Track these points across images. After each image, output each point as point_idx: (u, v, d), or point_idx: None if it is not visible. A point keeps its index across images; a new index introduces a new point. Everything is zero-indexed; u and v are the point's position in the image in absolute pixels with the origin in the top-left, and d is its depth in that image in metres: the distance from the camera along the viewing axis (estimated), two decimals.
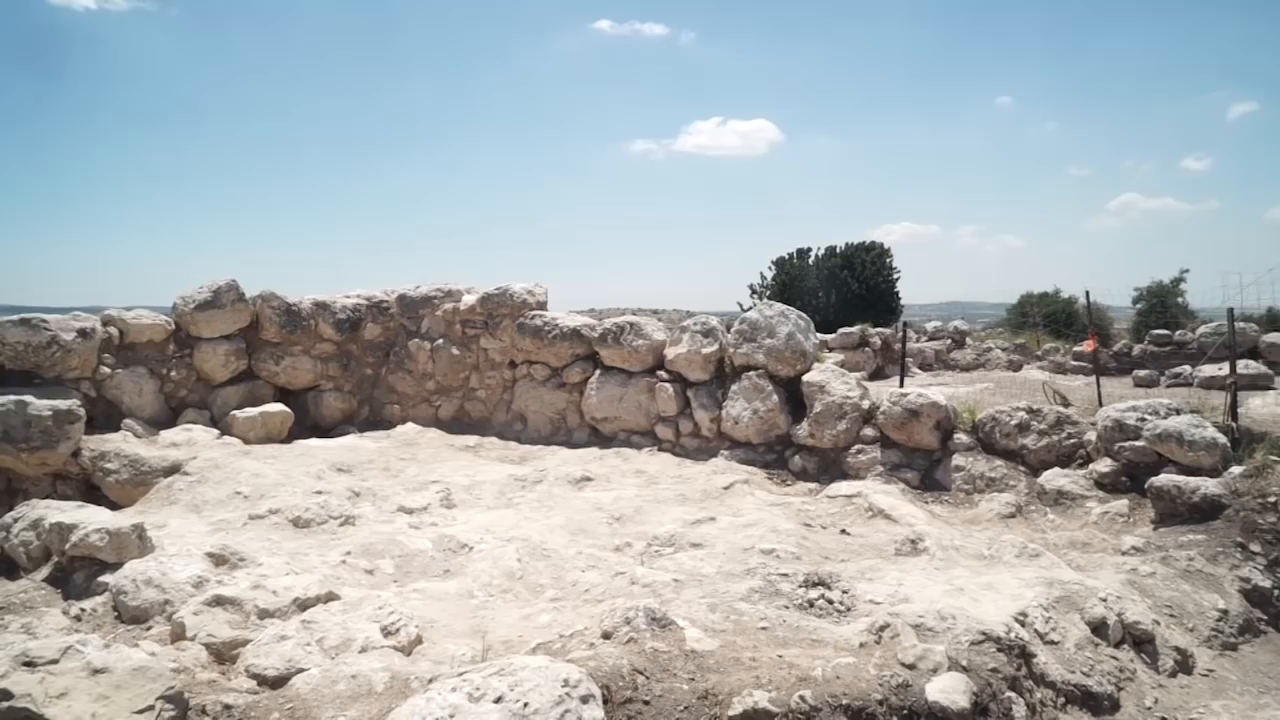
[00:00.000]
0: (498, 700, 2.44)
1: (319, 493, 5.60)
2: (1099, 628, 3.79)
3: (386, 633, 3.28)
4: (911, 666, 3.04)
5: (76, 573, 4.16)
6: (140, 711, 2.55)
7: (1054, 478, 5.99)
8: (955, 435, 6.51)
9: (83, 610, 3.73)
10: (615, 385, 7.89)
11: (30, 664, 2.60)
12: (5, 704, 2.46)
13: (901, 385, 9.30)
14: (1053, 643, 3.59)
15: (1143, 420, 5.85)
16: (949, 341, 17.63)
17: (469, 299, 8.82)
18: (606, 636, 3.22)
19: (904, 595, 3.93)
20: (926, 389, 6.87)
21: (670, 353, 7.79)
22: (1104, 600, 3.94)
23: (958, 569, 4.45)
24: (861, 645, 3.29)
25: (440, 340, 8.82)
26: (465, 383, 8.77)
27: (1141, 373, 12.47)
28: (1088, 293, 10.11)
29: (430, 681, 2.74)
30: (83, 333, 7.09)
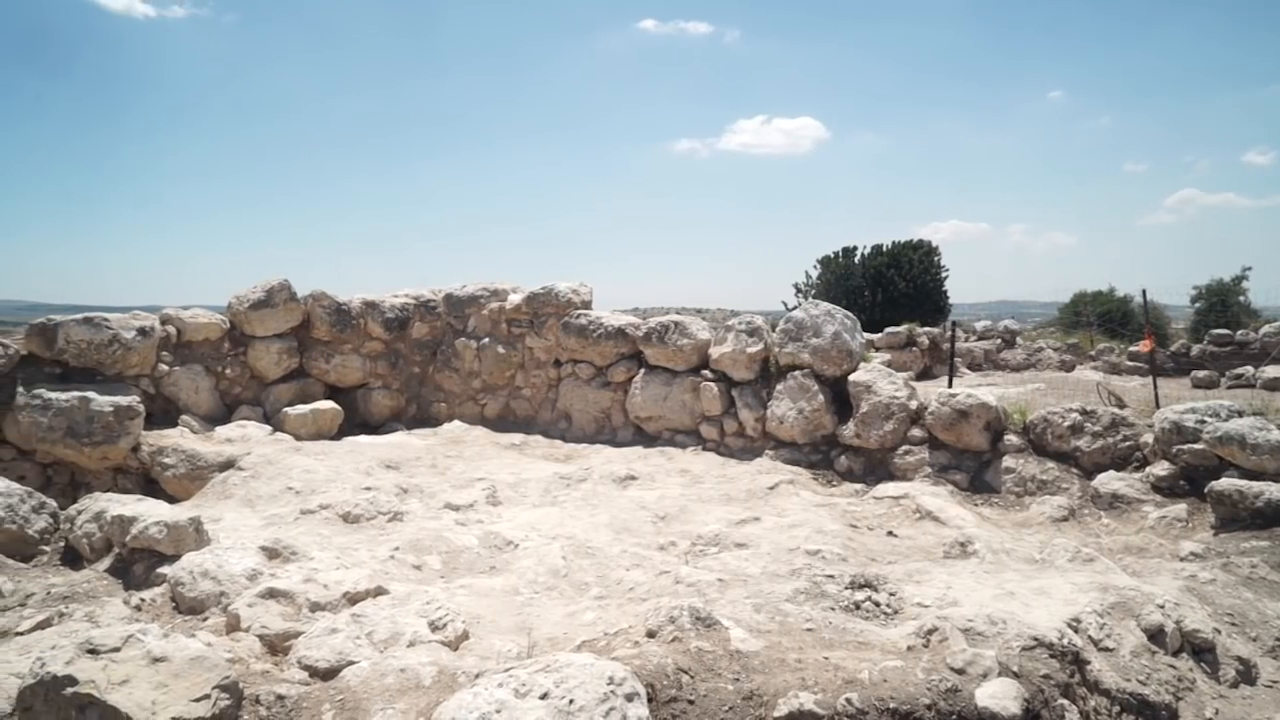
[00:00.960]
0: (543, 696, 2.45)
1: (368, 489, 5.69)
2: (1156, 635, 3.68)
3: (434, 628, 3.32)
4: (961, 671, 3.00)
5: (136, 564, 4.29)
6: (197, 700, 2.62)
7: (1109, 481, 5.85)
8: (1005, 436, 6.40)
9: (142, 600, 3.84)
10: (660, 384, 7.90)
11: (94, 651, 2.69)
12: (71, 689, 2.54)
13: (950, 385, 9.16)
14: (1107, 650, 3.51)
15: (1202, 423, 5.68)
16: (999, 341, 17.32)
17: (514, 298, 8.90)
18: (651, 635, 3.22)
19: (953, 599, 3.87)
20: (976, 389, 6.76)
21: (715, 352, 7.77)
22: (1161, 607, 3.83)
23: (1008, 573, 4.37)
24: (909, 648, 3.24)
25: (486, 339, 8.90)
26: (511, 381, 8.84)
27: (1200, 374, 12.13)
28: (1144, 291, 9.86)
29: (477, 677, 2.77)
30: (142, 331, 7.30)
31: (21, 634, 3.42)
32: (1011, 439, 6.37)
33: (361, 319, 8.81)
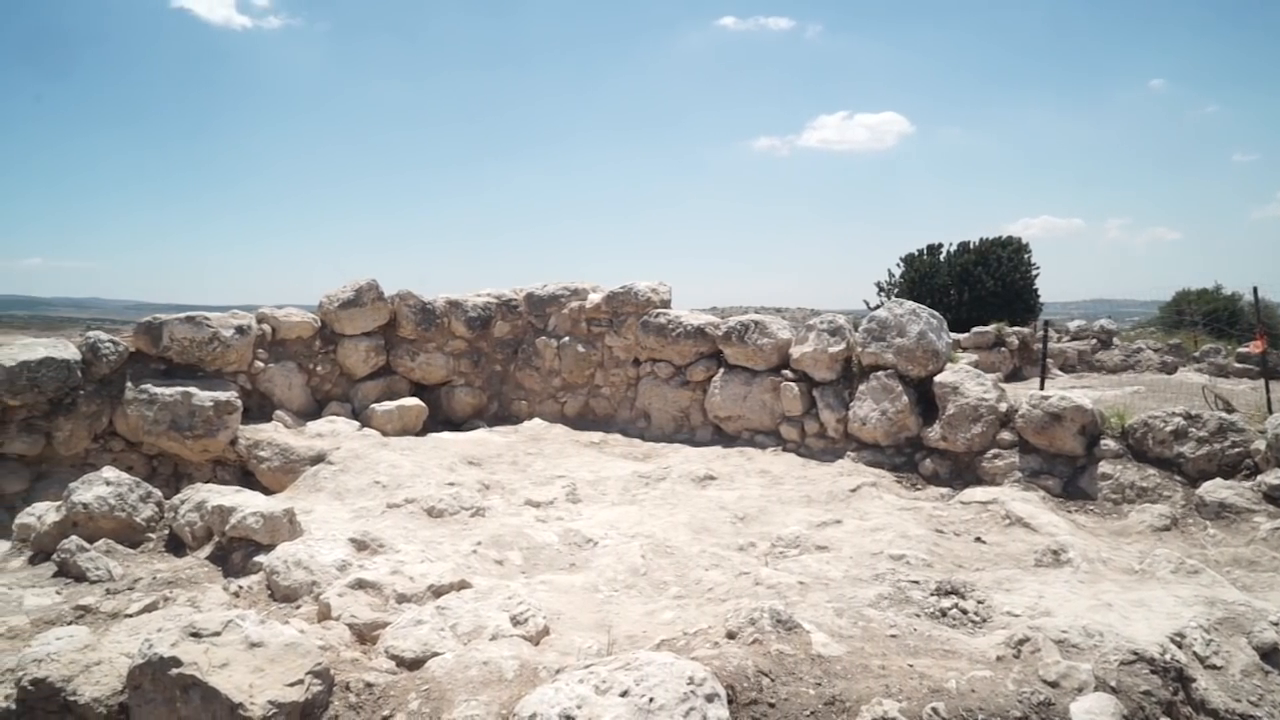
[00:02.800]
0: (624, 694, 2.46)
1: (451, 484, 5.81)
2: (1269, 654, 3.47)
3: (515, 622, 3.36)
4: (1054, 684, 2.88)
5: (235, 552, 4.48)
6: (292, 684, 2.72)
7: (1215, 489, 5.54)
8: (1102, 441, 6.13)
9: (240, 588, 4.01)
10: (739, 384, 7.84)
11: (196, 635, 2.81)
12: (175, 670, 2.67)
13: (1042, 387, 8.85)
14: (1214, 667, 3.32)
15: None
16: (1094, 342, 16.64)
17: (594, 297, 8.96)
18: (731, 636, 3.20)
19: (1045, 608, 3.74)
20: (1069, 391, 6.49)
21: (795, 351, 7.68)
22: (1276, 624, 3.61)
23: (1105, 583, 4.19)
24: (999, 659, 3.14)
25: (566, 338, 8.99)
26: (590, 380, 8.91)
27: None
28: (1255, 289, 9.30)
29: (558, 672, 2.79)
30: (240, 329, 7.61)
31: (130, 616, 3.60)
32: (1108, 444, 6.10)
33: (445, 318, 9.01)
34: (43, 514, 4.85)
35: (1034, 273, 24.67)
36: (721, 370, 8.06)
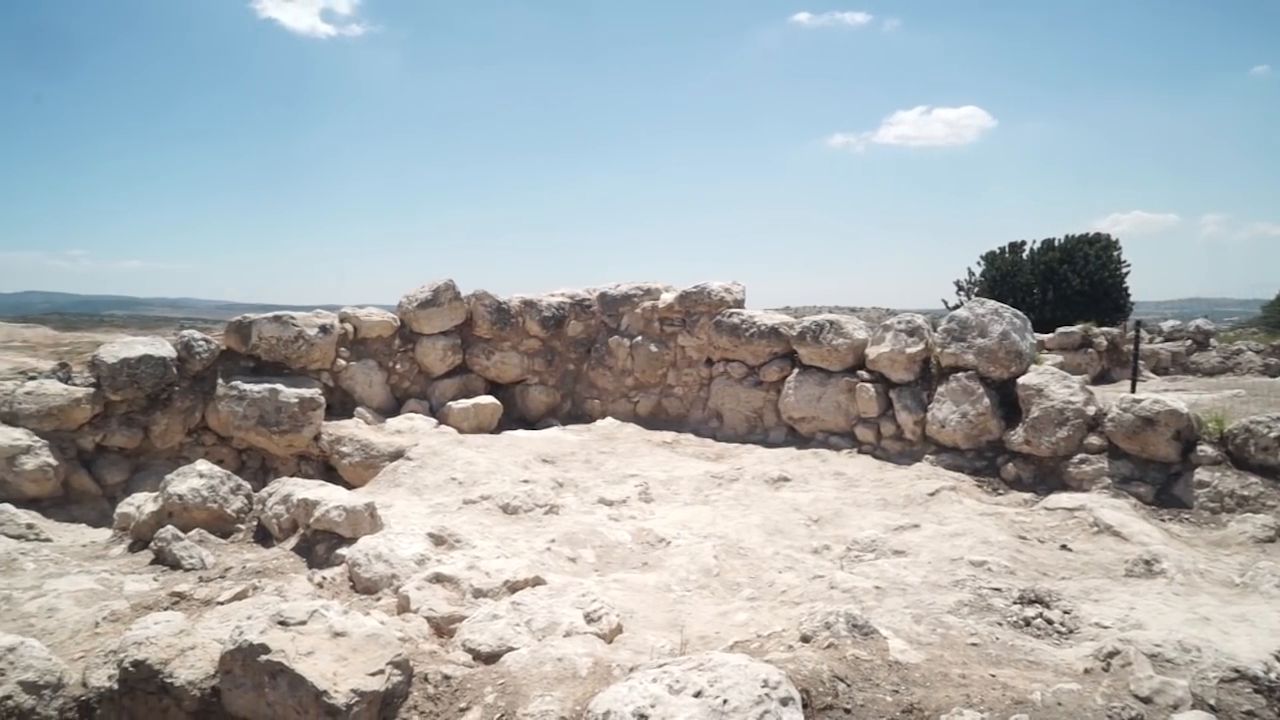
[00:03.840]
0: (697, 694, 2.45)
1: (525, 481, 5.89)
2: None
3: (589, 620, 3.38)
4: (1147, 700, 2.76)
5: (318, 544, 4.62)
6: (373, 674, 2.79)
7: None
8: (1199, 447, 5.84)
9: (324, 578, 4.13)
10: (813, 384, 7.74)
11: (284, 623, 2.91)
12: (264, 657, 2.76)
13: (1133, 390, 8.49)
14: None
15: None
16: (1189, 343, 15.90)
17: (667, 297, 8.96)
18: (805, 640, 3.16)
19: (1136, 620, 3.58)
20: (1163, 394, 6.21)
21: (872, 352, 7.54)
22: None
23: (1201, 596, 3.99)
24: (1086, 671, 3.02)
25: (639, 337, 9.02)
26: (663, 379, 8.92)
27: None
28: None
29: (631, 670, 2.80)
30: (324, 329, 7.85)
31: (221, 603, 3.75)
32: (1206, 450, 5.81)
33: (520, 317, 9.13)
34: (141, 504, 5.10)
35: (1124, 270, 23.75)
36: (795, 370, 7.97)
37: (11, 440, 6.20)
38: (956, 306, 7.42)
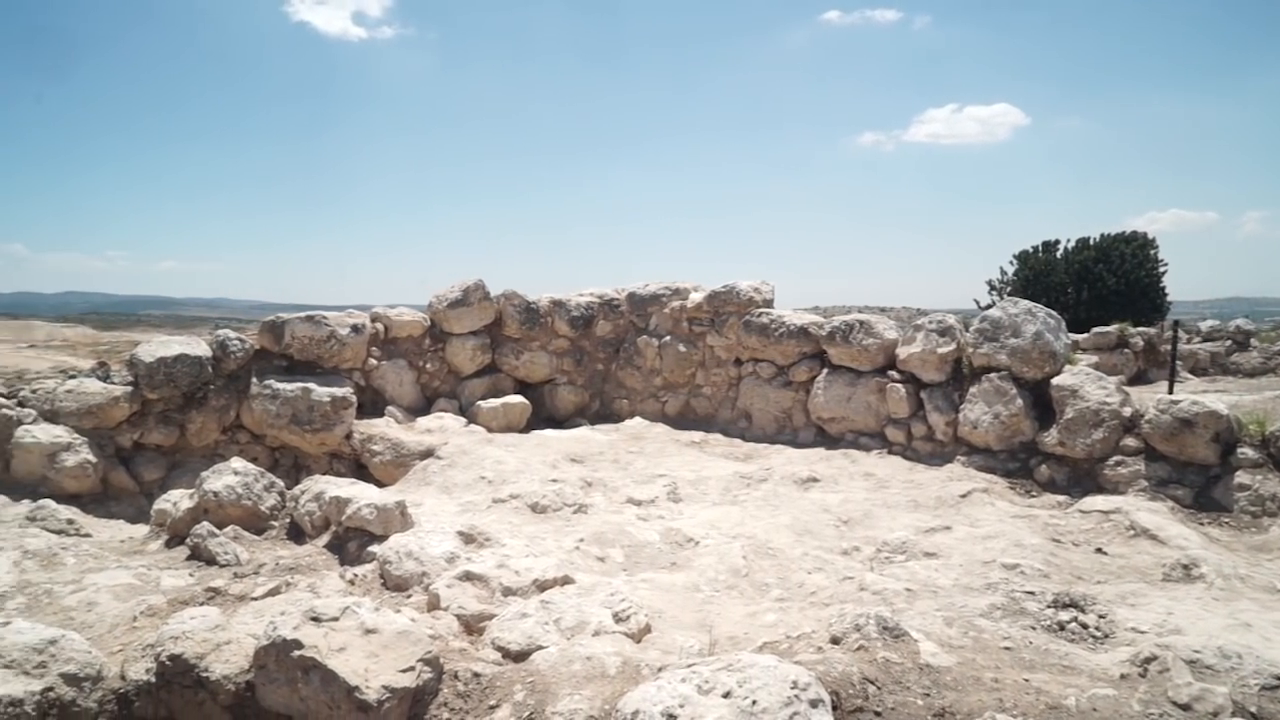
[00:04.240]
0: (726, 695, 2.44)
1: (554, 481, 5.90)
2: None
3: (618, 619, 3.39)
4: (1186, 707, 2.71)
5: (350, 541, 4.67)
6: (404, 670, 2.81)
7: None
8: (1239, 450, 5.72)
9: (355, 575, 4.17)
10: (843, 385, 7.69)
11: (316, 620, 2.95)
12: (298, 653, 2.80)
13: (1171, 391, 8.35)
14: None
15: None
16: (1228, 343, 15.59)
17: (696, 297, 8.95)
18: (835, 642, 3.14)
19: (1174, 626, 3.52)
20: (1201, 395, 6.09)
21: (902, 352, 7.47)
22: None
23: (1242, 601, 3.91)
24: (1123, 677, 2.97)
25: (667, 337, 9.01)
26: (691, 379, 8.90)
27: None
28: None
29: (660, 670, 2.80)
30: (355, 328, 7.93)
31: (256, 599, 3.80)
32: (1246, 452, 5.69)
33: (549, 317, 9.17)
34: (177, 500, 5.18)
35: (1161, 270, 23.35)
36: (825, 371, 7.92)
37: (53, 438, 6.34)
38: (989, 306, 7.33)
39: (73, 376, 7.01)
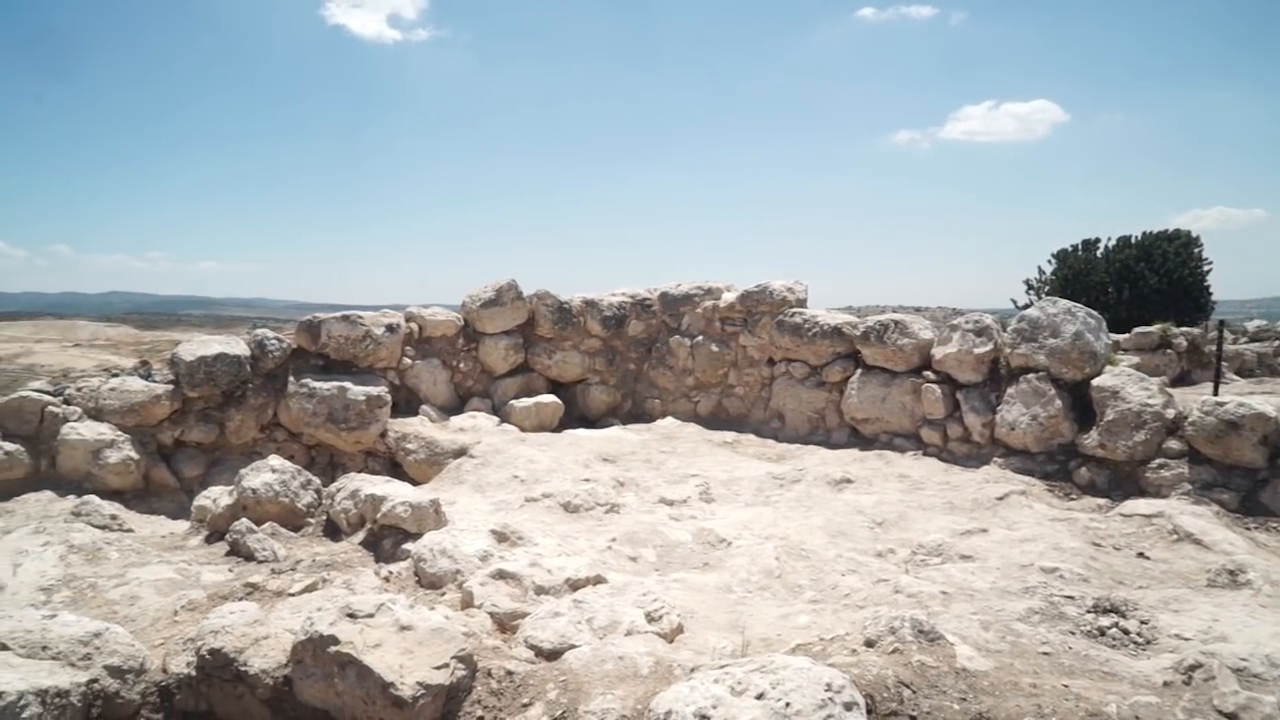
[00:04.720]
0: (759, 697, 2.43)
1: (586, 480, 5.92)
2: None
3: (650, 619, 3.39)
4: (1232, 716, 2.65)
5: (385, 539, 4.71)
6: (438, 667, 2.83)
7: None
8: None
9: (390, 573, 4.21)
10: (877, 385, 7.62)
11: (352, 616, 2.98)
12: (334, 648, 2.83)
13: (1216, 392, 8.16)
14: None
15: None
16: (1276, 343, 15.20)
17: (728, 296, 8.92)
18: (869, 644, 3.11)
19: (1219, 633, 3.44)
20: (1248, 397, 5.94)
21: (938, 352, 7.38)
22: None
23: None
24: (1166, 684, 2.91)
25: (700, 337, 8.99)
26: (723, 379, 8.88)
27: None
28: None
29: (692, 670, 2.79)
30: (390, 328, 8.01)
31: (293, 595, 3.86)
32: None
33: (581, 317, 9.19)
34: (217, 497, 5.27)
35: (1205, 268, 22.83)
36: (859, 371, 7.85)
37: (97, 435, 6.48)
38: (1026, 306, 7.21)
39: (116, 375, 7.16)
